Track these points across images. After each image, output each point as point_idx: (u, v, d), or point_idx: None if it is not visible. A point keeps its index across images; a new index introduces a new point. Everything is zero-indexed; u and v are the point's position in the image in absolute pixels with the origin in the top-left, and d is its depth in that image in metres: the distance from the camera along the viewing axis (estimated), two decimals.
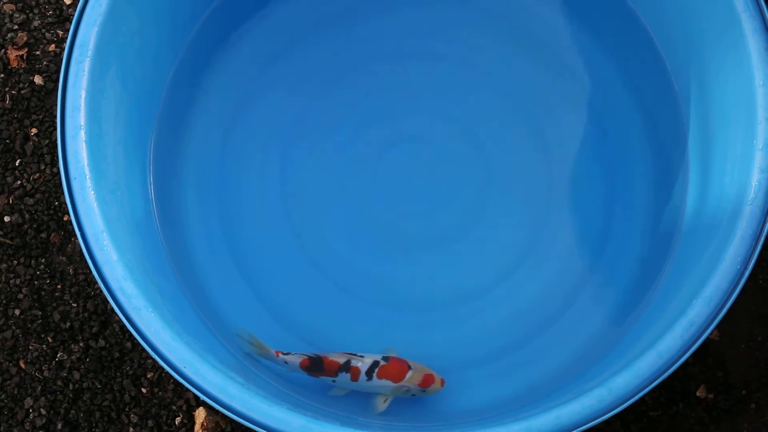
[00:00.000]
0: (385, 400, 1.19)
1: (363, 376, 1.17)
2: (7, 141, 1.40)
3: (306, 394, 1.19)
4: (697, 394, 1.30)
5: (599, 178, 1.31)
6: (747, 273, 1.04)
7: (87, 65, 1.11)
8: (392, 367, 1.18)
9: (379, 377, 1.17)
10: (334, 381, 1.18)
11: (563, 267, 1.29)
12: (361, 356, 1.18)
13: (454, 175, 1.32)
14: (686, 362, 1.03)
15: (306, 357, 1.17)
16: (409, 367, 1.18)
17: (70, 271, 1.36)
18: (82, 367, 1.33)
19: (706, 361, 1.31)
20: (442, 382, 1.20)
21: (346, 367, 1.17)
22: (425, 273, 1.30)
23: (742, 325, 1.32)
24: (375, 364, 1.17)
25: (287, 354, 1.17)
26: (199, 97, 1.34)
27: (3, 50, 1.43)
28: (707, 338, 1.03)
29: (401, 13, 1.38)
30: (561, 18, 1.36)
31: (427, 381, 1.19)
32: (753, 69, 1.10)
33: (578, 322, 1.25)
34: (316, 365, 1.17)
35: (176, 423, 1.31)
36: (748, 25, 1.10)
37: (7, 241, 1.37)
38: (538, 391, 1.19)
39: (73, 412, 1.32)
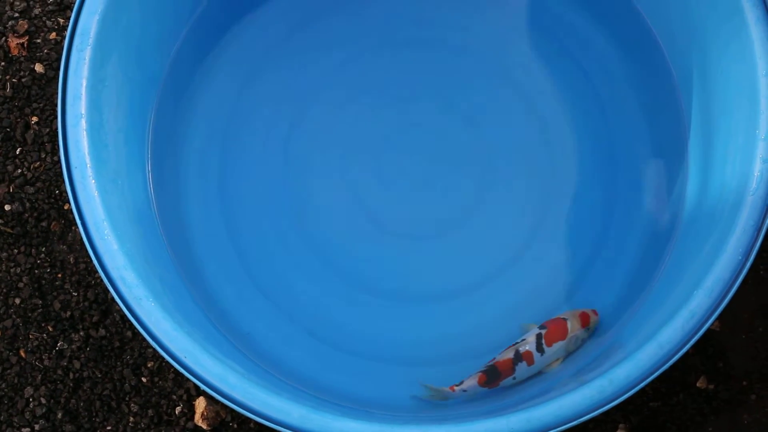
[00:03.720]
0: (558, 361, 1.19)
1: (536, 355, 1.17)
2: (8, 129, 1.40)
3: (307, 385, 1.19)
4: (698, 384, 1.30)
5: (600, 168, 1.31)
6: (748, 264, 1.03)
7: (88, 54, 1.11)
8: (554, 329, 1.18)
9: (549, 345, 1.17)
10: (514, 378, 1.17)
11: (563, 257, 1.28)
12: (522, 340, 1.18)
13: (455, 164, 1.32)
14: (687, 353, 1.03)
15: (480, 373, 1.17)
16: (565, 319, 1.19)
17: (71, 259, 1.36)
18: (83, 356, 1.33)
19: (706, 351, 1.31)
20: (595, 312, 1.21)
21: (518, 357, 1.17)
22: (424, 263, 1.29)
23: (743, 315, 1.32)
24: (539, 336, 1.18)
25: (461, 383, 1.17)
26: (199, 84, 1.34)
27: (4, 38, 1.43)
28: (708, 329, 1.03)
29: (400, 2, 1.38)
30: (561, 5, 1.35)
31: (585, 319, 1.19)
32: (756, 59, 1.09)
33: None
34: (492, 375, 1.17)
35: (176, 412, 1.31)
36: (752, 14, 1.10)
37: (8, 230, 1.37)
38: (538, 382, 1.19)
39: (73, 401, 1.32)
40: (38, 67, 1.42)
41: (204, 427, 1.29)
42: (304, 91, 1.35)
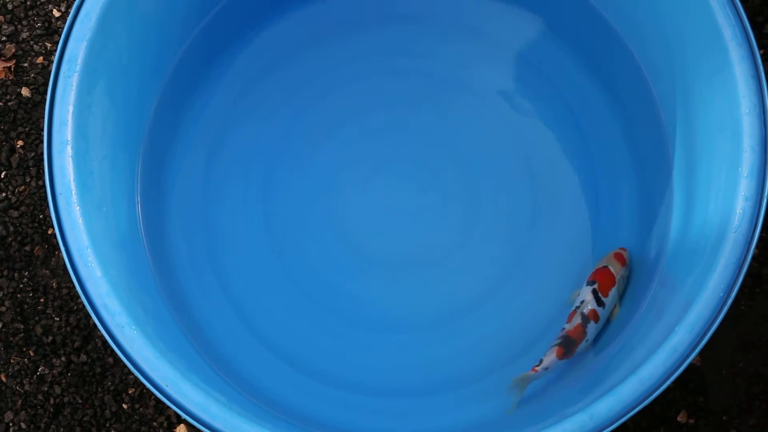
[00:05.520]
0: (617, 307, 1.23)
1: (599, 310, 1.20)
2: None
3: (289, 415, 1.19)
4: (678, 419, 1.30)
5: (583, 203, 1.31)
6: (730, 301, 1.04)
7: (75, 80, 1.11)
8: (603, 279, 1.22)
9: (606, 295, 1.21)
10: (587, 340, 1.20)
11: (546, 290, 1.29)
12: (582, 302, 1.21)
13: (438, 197, 1.32)
14: (667, 387, 1.03)
15: (556, 347, 1.19)
16: (606, 266, 1.22)
17: (54, 284, 1.36)
18: (64, 381, 1.33)
19: (687, 386, 1.31)
20: (624, 249, 1.25)
21: (586, 319, 1.20)
22: (407, 294, 1.30)
23: (724, 350, 1.32)
24: (594, 292, 1.21)
25: (540, 363, 1.19)
26: (186, 114, 1.34)
27: None
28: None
29: (387, 33, 1.38)
30: (550, 43, 1.36)
31: (621, 259, 1.24)
32: (739, 97, 1.09)
33: None
34: (569, 344, 1.19)
35: None
36: (735, 53, 1.10)
37: None
38: (519, 414, 1.19)
39: (53, 426, 1.32)
40: (25, 91, 1.42)
41: None
42: (287, 124, 1.35)
